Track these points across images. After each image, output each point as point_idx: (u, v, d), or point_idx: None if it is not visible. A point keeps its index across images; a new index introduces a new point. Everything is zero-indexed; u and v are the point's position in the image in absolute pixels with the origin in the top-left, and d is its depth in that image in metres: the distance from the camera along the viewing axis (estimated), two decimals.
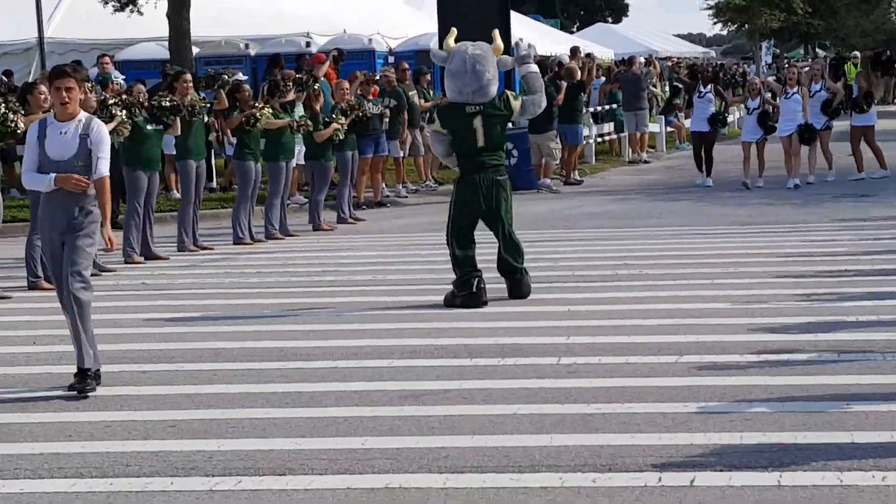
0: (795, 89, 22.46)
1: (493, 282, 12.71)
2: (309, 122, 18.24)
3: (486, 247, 13.17)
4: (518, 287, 12.75)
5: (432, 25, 29.07)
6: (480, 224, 12.84)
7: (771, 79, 28.64)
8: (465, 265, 12.53)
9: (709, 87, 23.75)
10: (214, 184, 23.00)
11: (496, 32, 13.52)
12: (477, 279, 12.47)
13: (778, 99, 23.01)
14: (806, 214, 18.73)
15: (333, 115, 18.94)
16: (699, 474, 7.05)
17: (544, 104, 13.23)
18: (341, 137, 18.85)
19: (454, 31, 13.26)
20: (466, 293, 12.42)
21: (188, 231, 17.00)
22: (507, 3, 26.94)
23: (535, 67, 13.23)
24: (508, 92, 13.14)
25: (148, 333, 11.65)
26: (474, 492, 6.95)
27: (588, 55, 31.44)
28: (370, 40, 30.16)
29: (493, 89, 12.64)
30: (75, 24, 30.20)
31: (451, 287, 12.58)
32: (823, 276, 13.22)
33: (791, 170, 22.44)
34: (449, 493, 6.96)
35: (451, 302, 12.48)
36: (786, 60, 35.95)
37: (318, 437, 8.09)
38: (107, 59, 22.52)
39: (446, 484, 7.08)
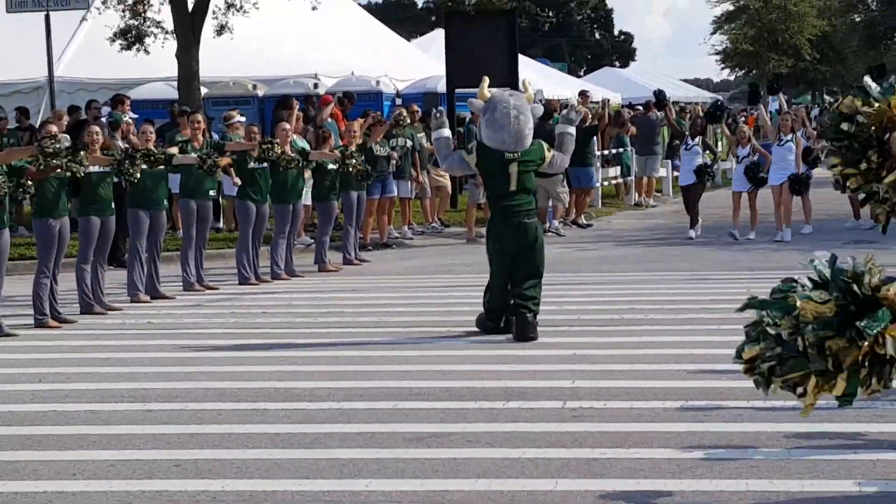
0: (789, 136, 21.46)
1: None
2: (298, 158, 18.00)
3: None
4: (526, 327, 12.80)
5: (440, 68, 29.20)
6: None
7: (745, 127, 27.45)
8: (498, 306, 13.05)
9: (696, 139, 22.97)
10: (221, 223, 23.00)
11: (527, 81, 14.12)
12: (506, 319, 13.00)
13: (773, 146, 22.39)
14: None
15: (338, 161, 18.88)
16: None
17: (567, 164, 13.96)
18: (359, 168, 18.81)
19: (486, 79, 13.63)
20: (494, 325, 13.04)
21: (190, 270, 16.99)
22: (516, 47, 27.11)
23: (572, 130, 13.74)
24: (543, 143, 13.44)
25: (153, 373, 11.65)
26: None
27: (605, 100, 31.51)
28: (378, 82, 30.27)
29: (531, 139, 13.11)
30: (84, 64, 30.29)
31: (460, 325, 12.75)
32: None
33: (780, 221, 21.52)
34: None
35: (483, 325, 13.12)
36: (793, 106, 36.13)
37: (322, 478, 8.07)
38: (126, 100, 22.55)
39: None
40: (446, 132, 13.89)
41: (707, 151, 23.04)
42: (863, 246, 20.44)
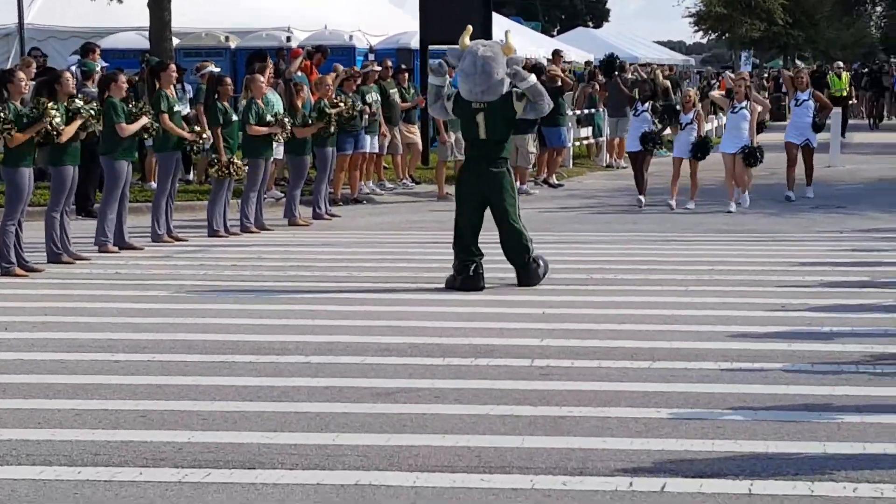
0: (743, 104, 20.47)
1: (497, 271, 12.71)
2: (287, 121, 18.02)
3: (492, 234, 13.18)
4: (526, 276, 13.29)
5: (414, 24, 29.08)
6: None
7: (716, 92, 26.60)
8: (463, 251, 13.16)
9: (647, 104, 21.70)
10: (191, 176, 22.92)
11: (508, 33, 14.14)
12: (475, 265, 13.13)
13: (720, 116, 21.32)
14: (782, 224, 18.77)
15: (313, 114, 18.88)
16: (670, 480, 7.05)
17: (548, 107, 13.80)
18: (332, 132, 18.92)
19: (469, 28, 13.85)
20: (464, 276, 13.09)
21: (161, 221, 16.93)
22: (490, 5, 27.01)
23: (531, 78, 13.54)
24: (514, 91, 13.39)
25: (121, 323, 11.59)
26: (444, 491, 6.94)
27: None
28: (351, 37, 30.13)
29: (503, 88, 13.24)
30: (55, 11, 30.11)
31: (430, 282, 12.81)
32: (798, 286, 13.25)
33: (732, 191, 20.70)
34: (419, 491, 6.95)
35: (451, 284, 13.15)
36: (781, 72, 35.87)
37: (289, 431, 8.06)
38: (96, 49, 22.52)
39: (416, 483, 7.06)
40: (439, 81, 13.89)
41: (655, 117, 21.41)
42: (828, 211, 20.54)
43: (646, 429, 8.06)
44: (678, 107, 21.32)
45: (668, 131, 21.35)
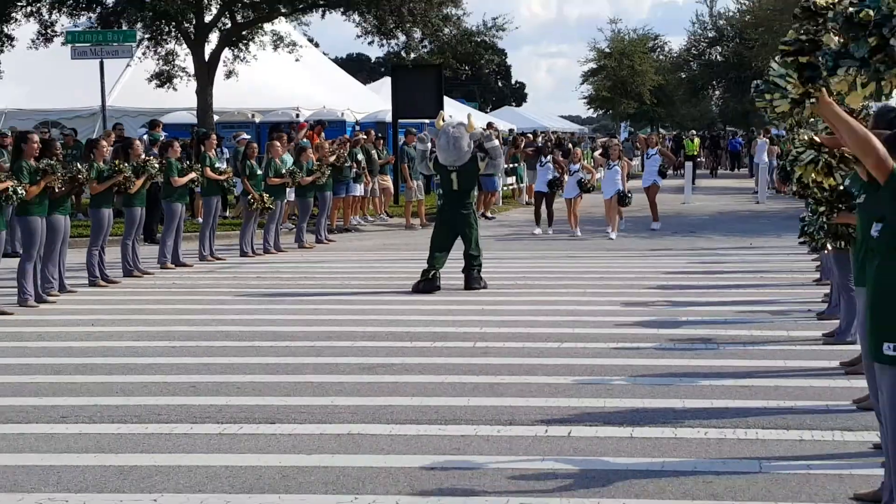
0: (616, 162, 20.39)
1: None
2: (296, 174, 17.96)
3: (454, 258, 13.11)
4: (470, 282, 13.38)
5: (387, 104, 29.16)
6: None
7: (598, 153, 26.20)
8: (430, 264, 13.20)
9: (548, 157, 21.70)
10: (228, 213, 22.75)
11: (470, 115, 14.62)
12: (434, 273, 13.12)
13: (602, 170, 21.45)
14: (651, 245, 18.78)
15: (315, 169, 18.78)
16: (574, 428, 7.01)
17: (503, 163, 14.65)
18: (324, 181, 18.86)
19: (442, 113, 14.51)
20: (423, 280, 13.08)
21: (206, 246, 16.81)
22: (442, 92, 27.07)
23: (495, 142, 14.19)
24: (477, 155, 13.67)
25: (176, 319, 11.46)
26: (412, 438, 6.87)
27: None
28: (343, 114, 29.99)
29: (469, 155, 13.50)
30: (129, 96, 29.86)
31: (401, 287, 12.84)
32: (664, 288, 13.26)
33: (611, 223, 20.16)
34: (394, 438, 6.88)
35: (416, 288, 13.09)
36: (637, 136, 36.18)
37: (299, 396, 7.98)
38: (159, 123, 22.49)
39: (392, 432, 7.00)
40: (423, 146, 14.22)
41: (556, 167, 21.44)
42: (684, 235, 20.58)
43: (556, 391, 8.02)
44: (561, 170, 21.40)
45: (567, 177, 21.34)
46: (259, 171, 17.62)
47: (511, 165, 30.12)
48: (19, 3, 24.74)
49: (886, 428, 4.93)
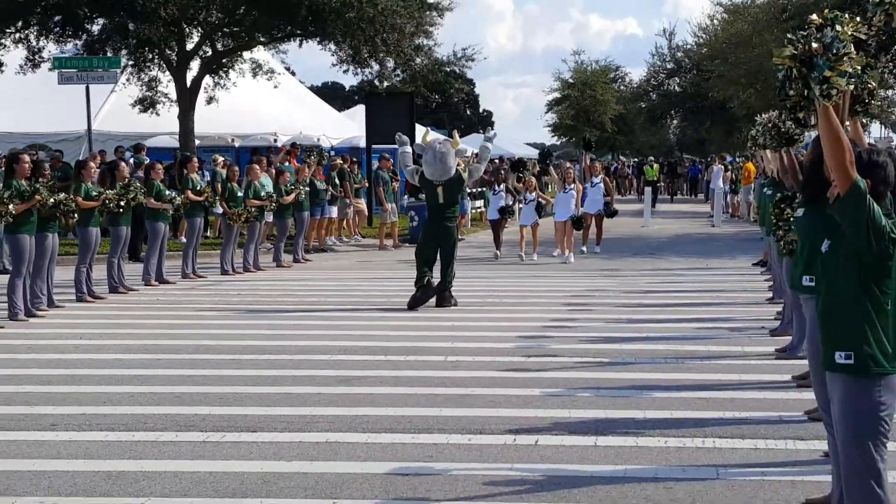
0: (572, 186, 20.08)
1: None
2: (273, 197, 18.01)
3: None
4: (442, 301, 13.38)
5: (361, 130, 29.25)
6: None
7: (554, 174, 24.45)
8: (419, 271, 13.35)
9: (502, 185, 21.41)
10: (208, 232, 22.67)
11: (455, 133, 14.89)
12: (427, 279, 13.27)
13: (557, 192, 21.31)
14: (611, 266, 18.88)
15: (293, 188, 18.81)
16: (541, 437, 7.07)
17: (482, 171, 14.73)
18: (302, 198, 18.87)
19: (428, 129, 14.54)
20: (419, 289, 13.26)
21: (188, 264, 16.77)
22: (413, 119, 27.20)
23: (490, 145, 14.76)
24: (461, 167, 13.81)
25: (161, 333, 11.44)
26: (387, 446, 6.91)
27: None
28: (318, 139, 30.04)
29: (454, 170, 13.58)
30: (113, 121, 29.76)
31: (374, 303, 12.86)
32: (625, 306, 13.34)
33: (564, 247, 19.80)
34: (370, 446, 6.91)
35: (413, 302, 13.10)
36: (562, 163, 35.97)
37: (280, 406, 8.00)
38: (143, 147, 22.55)
39: (368, 440, 7.03)
40: (408, 149, 14.18)
41: (509, 195, 21.30)
42: (644, 257, 20.72)
43: (524, 402, 8.08)
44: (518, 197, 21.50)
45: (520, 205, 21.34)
46: (240, 194, 17.65)
47: (479, 189, 30.26)
48: (8, 31, 24.66)
49: (835, 436, 5.01)
